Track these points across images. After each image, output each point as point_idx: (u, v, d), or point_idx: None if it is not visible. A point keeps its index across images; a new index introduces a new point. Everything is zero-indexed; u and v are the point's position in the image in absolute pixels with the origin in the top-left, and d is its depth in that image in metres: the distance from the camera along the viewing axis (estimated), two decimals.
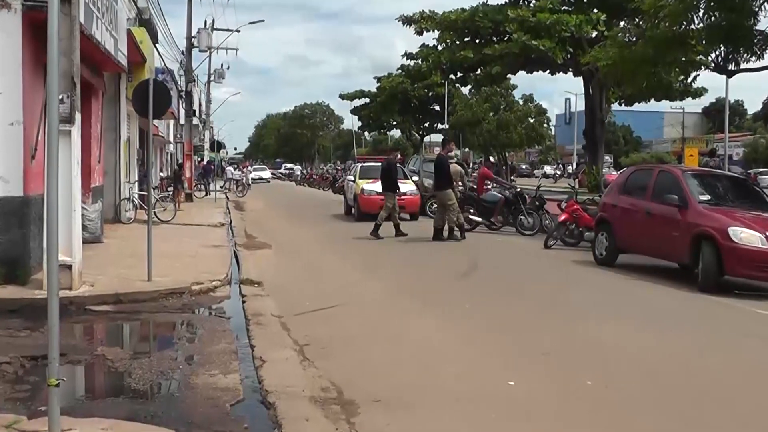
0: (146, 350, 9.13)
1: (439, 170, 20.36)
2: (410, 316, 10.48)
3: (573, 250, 18.49)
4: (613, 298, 12.34)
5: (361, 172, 28.72)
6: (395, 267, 15.67)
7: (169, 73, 36.00)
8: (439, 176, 20.31)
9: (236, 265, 15.57)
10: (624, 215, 15.70)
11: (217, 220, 26.08)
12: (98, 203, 18.06)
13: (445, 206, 20.01)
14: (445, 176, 20.25)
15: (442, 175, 20.25)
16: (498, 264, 16.18)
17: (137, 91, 13.08)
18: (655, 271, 15.01)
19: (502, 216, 22.66)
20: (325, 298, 11.70)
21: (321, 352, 8.40)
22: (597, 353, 8.46)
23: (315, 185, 65.29)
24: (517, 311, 10.91)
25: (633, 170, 17.62)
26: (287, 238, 21.58)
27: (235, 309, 11.23)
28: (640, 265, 15.62)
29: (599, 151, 45.63)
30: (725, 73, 25.32)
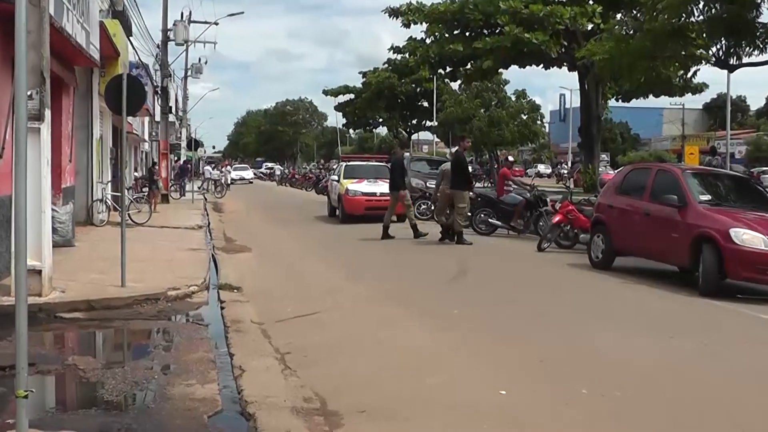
0: (120, 359, 9.10)
1: (457, 168, 20.41)
2: (397, 323, 10.48)
3: (568, 253, 18.52)
4: (609, 303, 12.38)
5: (345, 171, 28.72)
6: (381, 271, 15.68)
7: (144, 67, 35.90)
8: (457, 174, 20.33)
9: (214, 270, 15.55)
10: (621, 216, 15.75)
11: (195, 222, 26.04)
12: (69, 205, 18.00)
13: (455, 207, 20.07)
14: (463, 175, 20.35)
15: (459, 173, 20.36)
16: (489, 268, 16.20)
17: (110, 86, 13.06)
18: (653, 274, 15.05)
19: (522, 219, 22.09)
20: (308, 304, 11.69)
21: (303, 360, 8.40)
22: (592, 361, 8.48)
23: (297, 185, 65.26)
24: (508, 317, 10.93)
25: (630, 169, 17.69)
26: (268, 241, 21.57)
27: (214, 316, 11.22)
28: (638, 269, 15.66)
29: (595, 150, 45.77)
30: (727, 68, 25.39)
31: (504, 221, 22.26)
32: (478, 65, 45.23)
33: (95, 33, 18.24)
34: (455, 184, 20.24)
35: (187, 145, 59.39)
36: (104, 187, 24.26)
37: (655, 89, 41.12)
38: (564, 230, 19.33)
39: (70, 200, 18.64)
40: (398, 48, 61.52)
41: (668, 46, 24.21)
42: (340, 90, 79.68)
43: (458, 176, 20.24)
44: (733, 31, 22.88)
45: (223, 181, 51.75)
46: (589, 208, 18.91)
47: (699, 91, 48.70)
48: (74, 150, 20.55)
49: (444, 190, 20.39)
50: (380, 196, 26.52)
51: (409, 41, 57.63)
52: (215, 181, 53.21)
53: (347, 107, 79.67)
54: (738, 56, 24.05)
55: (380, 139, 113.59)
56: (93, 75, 22.44)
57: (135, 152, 47.92)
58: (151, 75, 39.77)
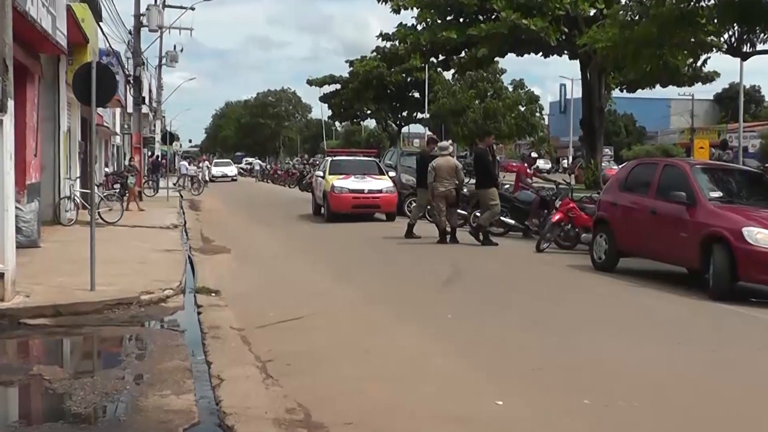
0: (89, 369, 9.08)
1: (480, 165, 20.55)
2: (386, 329, 10.49)
3: (568, 254, 18.54)
4: (613, 308, 12.39)
5: (331, 166, 28.71)
6: (370, 274, 15.68)
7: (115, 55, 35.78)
8: (480, 172, 20.52)
9: (191, 272, 15.52)
10: (625, 215, 15.77)
11: (170, 221, 25.99)
12: (34, 203, 17.94)
13: (487, 206, 20.17)
14: (487, 172, 20.52)
15: (483, 171, 20.47)
16: (484, 270, 16.21)
17: (79, 75, 13.01)
18: (660, 276, 15.07)
19: (537, 219, 21.67)
20: (291, 309, 11.67)
21: (286, 368, 8.39)
22: (595, 369, 8.48)
23: (280, 182, 65.24)
24: (505, 322, 10.93)
25: (635, 164, 17.70)
26: (248, 241, 21.54)
27: (190, 321, 11.19)
28: (644, 271, 15.69)
29: (598, 143, 45.77)
30: (739, 56, 25.42)
31: (518, 220, 22.04)
32: (473, 53, 45.19)
33: (62, 18, 18.19)
34: (480, 183, 20.51)
35: (161, 138, 59.16)
36: (72, 184, 24.16)
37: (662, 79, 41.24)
38: (564, 229, 19.32)
39: (36, 198, 18.57)
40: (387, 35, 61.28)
41: (676, 33, 24.15)
42: (326, 80, 79.74)
43: (481, 174, 20.56)
44: (746, 16, 22.83)
45: (200, 178, 51.71)
46: (591, 206, 18.90)
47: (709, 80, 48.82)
48: (40, 144, 20.45)
49: (437, 188, 20.27)
50: (368, 193, 26.58)
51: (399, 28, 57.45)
52: (192, 177, 53.16)
53: (333, 98, 79.73)
54: (752, 43, 24.05)
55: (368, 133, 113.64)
56: (60, 63, 22.35)
57: (105, 146, 47.73)
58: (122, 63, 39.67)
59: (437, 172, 20.28)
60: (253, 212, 32.08)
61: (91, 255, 12.42)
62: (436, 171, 20.29)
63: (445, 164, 20.37)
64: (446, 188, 20.17)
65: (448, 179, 20.22)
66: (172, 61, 56.95)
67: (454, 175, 20.27)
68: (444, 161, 20.49)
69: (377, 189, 26.75)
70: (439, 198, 20.27)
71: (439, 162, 20.46)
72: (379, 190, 26.71)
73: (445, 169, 20.26)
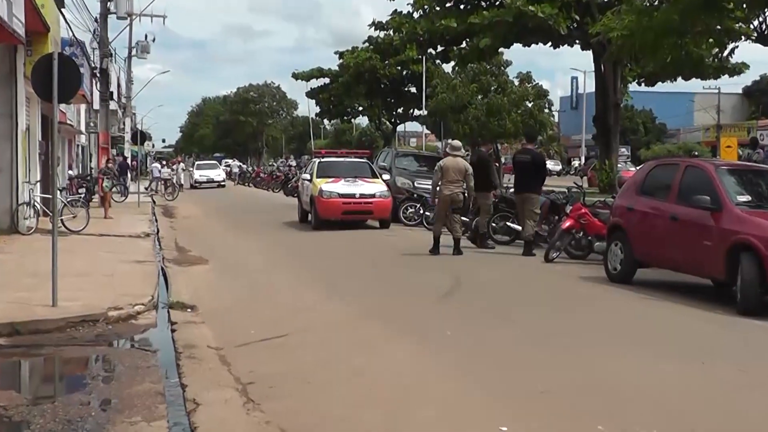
0: (50, 394, 9.05)
1: (533, 167, 20.72)
2: (379, 347, 10.49)
3: (580, 264, 18.56)
4: (629, 323, 12.38)
5: (319, 169, 28.72)
6: (362, 287, 15.66)
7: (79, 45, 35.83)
8: (532, 175, 20.65)
9: (164, 286, 15.52)
10: (643, 221, 15.77)
11: (141, 229, 25.97)
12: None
13: (527, 213, 20.37)
14: (539, 176, 20.83)
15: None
16: (487, 281, 16.22)
17: (38, 68, 12.98)
18: (681, 289, 15.09)
19: (547, 225, 21.79)
20: (275, 326, 11.69)
21: (269, 392, 8.38)
22: (610, 391, 8.47)
23: (263, 186, 65.21)
24: (510, 339, 10.93)
25: (654, 165, 17.69)
26: (228, 251, 21.53)
27: (163, 340, 11.18)
28: (663, 282, 15.70)
29: (613, 142, 45.75)
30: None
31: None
32: (475, 44, 45.14)
33: (19, 4, 18.18)
34: (530, 187, 20.63)
35: (131, 137, 59.05)
36: (32, 188, 24.12)
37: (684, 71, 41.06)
38: (576, 237, 19.33)
39: None
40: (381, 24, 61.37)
41: (700, 19, 24.07)
42: (313, 73, 79.62)
43: (533, 179, 20.76)
44: None
45: (175, 181, 51.67)
46: (605, 212, 18.92)
47: (737, 72, 48.68)
48: None
49: (442, 191, 20.25)
50: (360, 198, 26.56)
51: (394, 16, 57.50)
52: (165, 180, 53.11)
53: (321, 94, 79.63)
54: None
55: (360, 131, 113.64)
56: (17, 54, 22.32)
57: (69, 146, 47.75)
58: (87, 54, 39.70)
59: (444, 173, 20.21)
60: (234, 219, 32.06)
61: (52, 267, 12.39)
62: (442, 172, 20.24)
63: (454, 166, 20.34)
64: (452, 192, 20.15)
65: (455, 182, 20.20)
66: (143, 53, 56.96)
67: (462, 179, 20.24)
68: (452, 162, 20.43)
69: (370, 193, 26.73)
70: (443, 202, 20.27)
71: (446, 162, 20.42)
72: (371, 194, 26.70)
73: (453, 170, 20.23)
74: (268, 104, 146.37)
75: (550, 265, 18.49)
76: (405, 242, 20.61)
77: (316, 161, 30.54)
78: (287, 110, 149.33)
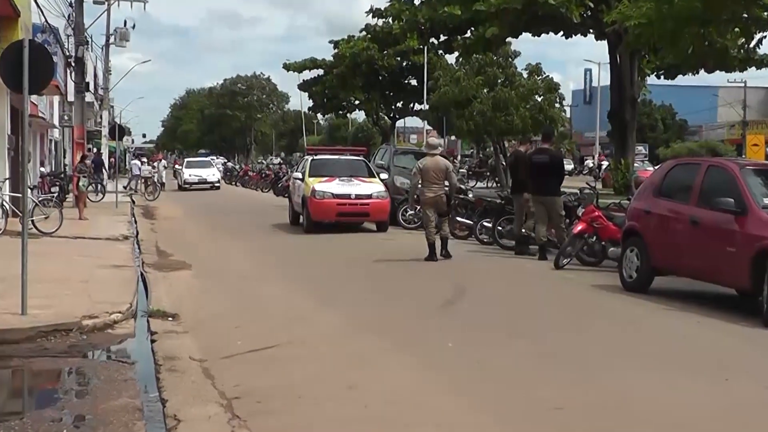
0: (18, 409, 9.05)
1: (551, 168, 20.79)
2: (375, 361, 10.49)
3: (593, 271, 18.55)
4: (646, 336, 12.37)
5: (312, 167, 28.72)
6: (357, 295, 15.67)
7: (53, 32, 35.79)
8: (551, 177, 20.73)
9: (144, 292, 15.54)
10: (661, 225, 15.75)
11: (119, 231, 25.96)
12: None
13: (553, 217, 20.47)
14: (559, 177, 20.89)
15: (554, 176, 20.75)
16: (492, 290, 16.22)
17: (7, 56, 12.97)
18: (703, 299, 15.07)
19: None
20: (263, 336, 11.69)
21: (256, 407, 8.38)
22: (625, 409, 8.48)
23: (251, 185, 65.23)
24: (517, 353, 10.93)
25: (673, 165, 17.66)
26: (213, 255, 21.54)
27: (142, 351, 11.20)
28: (683, 292, 15.69)
29: (629, 140, 45.81)
30: None
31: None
32: (480, 33, 45.20)
33: None
34: (550, 190, 20.69)
35: (109, 132, 58.97)
36: (0, 187, 24.11)
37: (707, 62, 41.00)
38: (588, 242, 19.29)
39: None
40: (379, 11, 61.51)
41: (726, 7, 24.07)
42: (306, 64, 79.59)
43: (555, 178, 20.87)
44: None
45: (156, 180, 51.61)
46: (620, 215, 18.90)
47: (765, 64, 48.71)
48: None
49: (424, 194, 20.20)
50: (356, 198, 26.55)
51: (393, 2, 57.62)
52: (146, 179, 53.05)
53: (314, 86, 79.61)
54: None
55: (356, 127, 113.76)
56: None
57: (41, 142, 47.74)
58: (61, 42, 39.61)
59: (423, 174, 20.13)
60: (219, 221, 32.05)
61: (22, 272, 12.37)
62: (422, 173, 20.16)
63: (434, 165, 20.26)
64: (435, 194, 20.11)
65: (436, 183, 20.16)
66: (121, 40, 56.93)
67: (443, 179, 20.21)
68: (432, 162, 20.35)
69: (366, 194, 26.72)
70: (427, 205, 20.25)
71: (426, 163, 20.29)
72: (368, 195, 26.69)
73: (432, 171, 20.17)
74: (257, 97, 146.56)
75: (560, 272, 18.47)
76: (404, 247, 20.59)
77: (308, 159, 30.52)
78: (278, 104, 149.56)
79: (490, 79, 59.44)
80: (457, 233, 24.50)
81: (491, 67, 59.73)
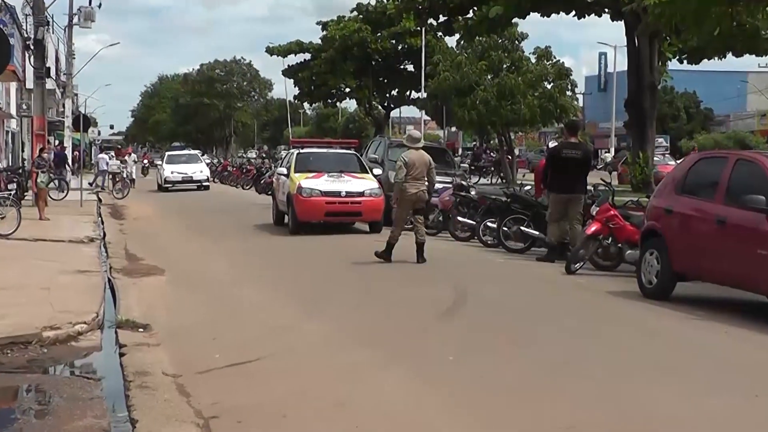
0: None
1: (583, 164, 21.06)
2: (367, 375, 10.52)
3: (608, 277, 18.56)
4: (667, 347, 12.36)
5: (298, 162, 28.72)
6: (347, 303, 15.65)
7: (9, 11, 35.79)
8: (580, 173, 20.97)
9: (112, 301, 15.54)
10: (684, 225, 15.75)
11: (84, 233, 25.94)
12: None
13: (578, 216, 20.62)
14: (586, 173, 21.19)
15: (584, 172, 21.07)
16: (497, 296, 16.24)
17: None
18: (731, 307, 15.10)
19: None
20: (244, 349, 11.70)
21: (236, 427, 8.40)
22: (645, 428, 8.48)
23: (231, 181, 65.28)
24: (524, 365, 10.95)
25: (698, 159, 17.67)
26: (188, 259, 21.55)
27: (109, 365, 11.21)
28: (709, 299, 15.72)
29: (648, 131, 45.71)
30: None
31: (544, 231, 21.73)
32: (484, 13, 45.12)
33: None
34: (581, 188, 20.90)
35: (73, 123, 58.98)
36: None
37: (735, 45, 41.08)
38: (603, 245, 19.29)
39: None
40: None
41: None
42: (291, 48, 79.73)
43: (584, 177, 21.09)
44: None
45: (125, 176, 51.58)
46: (638, 214, 18.91)
47: None
48: None
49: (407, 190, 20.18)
50: (346, 196, 26.55)
51: None
52: (113, 175, 52.99)
53: (301, 72, 79.74)
54: None
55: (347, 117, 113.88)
56: None
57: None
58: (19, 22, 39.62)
59: (409, 169, 20.14)
60: (195, 221, 32.07)
61: None
62: (408, 167, 20.17)
63: (419, 159, 20.41)
64: (419, 189, 20.18)
65: (419, 179, 20.28)
66: (86, 21, 56.75)
67: (425, 174, 20.26)
68: (417, 156, 20.48)
69: (358, 191, 26.70)
70: (407, 202, 20.34)
71: (411, 156, 20.34)
72: (360, 192, 26.68)
73: (418, 165, 20.29)
74: (237, 84, 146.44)
75: (572, 277, 18.47)
76: (399, 249, 20.53)
77: (294, 152, 30.47)
78: (260, 92, 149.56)
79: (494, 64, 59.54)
80: (459, 234, 24.54)
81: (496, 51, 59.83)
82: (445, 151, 38.70)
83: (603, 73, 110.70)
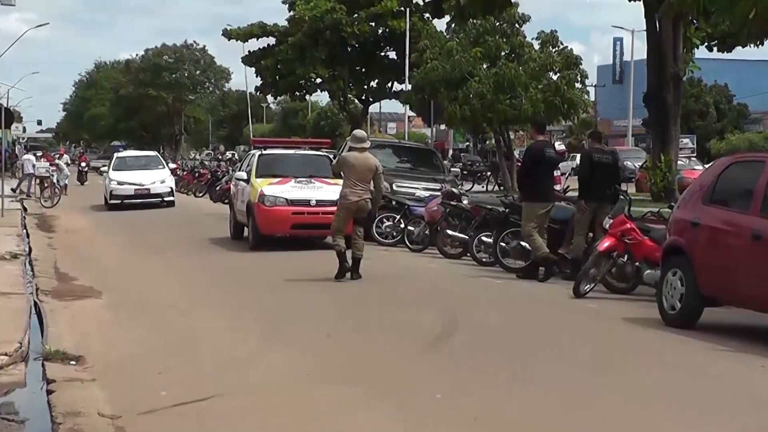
0: None
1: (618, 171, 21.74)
2: (342, 415, 10.51)
3: (624, 301, 18.62)
4: (694, 385, 12.38)
5: (260, 165, 28.75)
6: (318, 330, 15.60)
7: None
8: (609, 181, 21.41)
9: (38, 328, 15.52)
10: (713, 241, 15.78)
11: (5, 247, 25.89)
12: None
13: (596, 229, 20.80)
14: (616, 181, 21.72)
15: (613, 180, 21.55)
16: (493, 322, 16.28)
17: None
18: (766, 336, 15.11)
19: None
20: (197, 385, 11.70)
21: None
22: None
23: (181, 188, 65.18)
24: (524, 406, 10.94)
25: (729, 163, 17.68)
26: (130, 279, 21.52)
27: (35, 405, 11.20)
28: (741, 327, 15.77)
29: (671, 130, 45.86)
30: None
31: (549, 245, 21.76)
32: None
33: None
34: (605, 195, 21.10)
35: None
36: None
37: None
38: (618, 263, 19.30)
39: None
40: None
41: None
42: (252, 31, 79.78)
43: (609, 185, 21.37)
44: None
45: (56, 180, 51.42)
46: (659, 228, 18.95)
47: None
48: None
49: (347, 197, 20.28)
50: (316, 205, 26.52)
51: None
52: (42, 179, 52.87)
53: (263, 59, 79.75)
54: None
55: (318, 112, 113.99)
56: None
57: None
58: None
59: (348, 171, 20.23)
60: (138, 234, 32.06)
61: None
62: (346, 171, 20.27)
63: (363, 163, 20.56)
64: (360, 197, 20.32)
65: (361, 184, 20.41)
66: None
67: (369, 180, 20.37)
68: (361, 159, 20.65)
69: (330, 200, 26.43)
70: (347, 210, 20.54)
71: (355, 158, 20.59)
72: (332, 201, 26.33)
73: (361, 169, 20.44)
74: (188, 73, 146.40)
75: (580, 301, 18.50)
76: (379, 268, 20.60)
77: (256, 154, 30.47)
78: (216, 82, 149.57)
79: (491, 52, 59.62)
80: (448, 250, 24.55)
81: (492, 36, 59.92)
82: (433, 153, 38.81)
83: (618, 61, 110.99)
